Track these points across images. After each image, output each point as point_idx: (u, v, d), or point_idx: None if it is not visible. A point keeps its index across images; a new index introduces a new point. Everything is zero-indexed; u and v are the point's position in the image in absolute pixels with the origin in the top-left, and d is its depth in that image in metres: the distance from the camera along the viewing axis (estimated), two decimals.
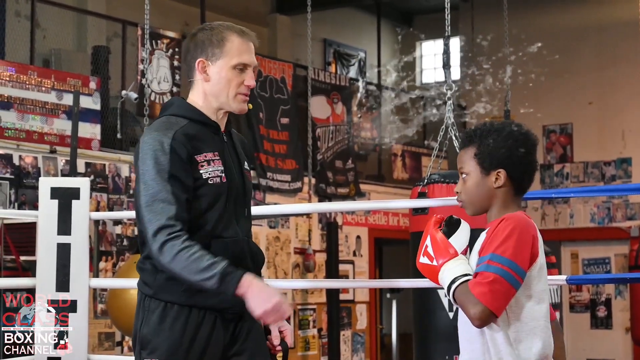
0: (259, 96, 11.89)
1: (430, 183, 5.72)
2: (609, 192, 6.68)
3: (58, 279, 5.22)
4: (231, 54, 3.45)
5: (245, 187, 3.55)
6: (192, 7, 12.92)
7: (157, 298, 3.40)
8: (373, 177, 14.24)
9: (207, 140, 3.44)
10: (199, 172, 3.37)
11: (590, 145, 15.06)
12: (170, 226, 3.26)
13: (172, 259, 3.24)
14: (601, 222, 14.80)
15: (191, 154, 3.36)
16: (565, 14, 15.46)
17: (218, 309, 3.40)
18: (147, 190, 3.31)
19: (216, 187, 3.39)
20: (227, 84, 3.45)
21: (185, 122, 3.42)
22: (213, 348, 3.41)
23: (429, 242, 3.12)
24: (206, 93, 3.49)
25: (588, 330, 14.80)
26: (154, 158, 3.31)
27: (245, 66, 3.47)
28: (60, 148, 9.33)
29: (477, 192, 3.16)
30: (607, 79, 14.95)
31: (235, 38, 3.47)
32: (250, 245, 3.52)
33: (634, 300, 11.28)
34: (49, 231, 5.26)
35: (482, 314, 2.94)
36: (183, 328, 3.37)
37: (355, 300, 13.19)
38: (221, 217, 3.40)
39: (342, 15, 16.64)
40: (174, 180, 3.30)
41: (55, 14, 10.89)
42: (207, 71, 3.46)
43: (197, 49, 3.48)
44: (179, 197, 3.30)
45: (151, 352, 3.39)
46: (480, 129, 3.17)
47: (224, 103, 3.48)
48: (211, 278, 3.22)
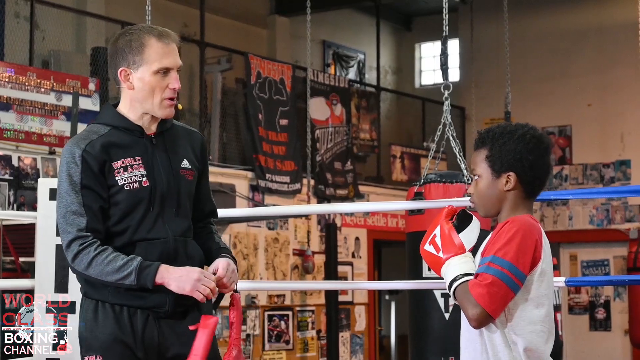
0: (258, 97, 11.90)
1: (427, 183, 5.72)
2: (607, 194, 6.69)
3: (57, 280, 5.21)
4: (151, 59, 3.42)
5: (180, 188, 3.52)
6: (192, 8, 12.92)
7: (89, 297, 3.46)
8: (372, 179, 14.24)
9: (129, 146, 3.45)
10: (114, 178, 3.40)
11: (589, 147, 15.06)
12: (82, 237, 3.34)
13: (87, 266, 3.33)
14: (600, 224, 14.81)
15: (106, 162, 3.39)
16: (565, 16, 15.46)
17: (147, 308, 3.42)
18: (60, 203, 3.39)
19: (134, 192, 3.41)
20: (151, 91, 3.44)
21: (106, 130, 3.46)
22: (148, 345, 3.43)
23: (438, 232, 3.12)
24: (132, 100, 3.49)
25: (587, 332, 14.80)
26: (67, 170, 3.38)
27: (168, 69, 3.45)
28: (59, 149, 9.32)
29: (487, 194, 3.17)
30: (606, 81, 14.95)
31: (154, 42, 3.43)
32: (188, 245, 3.53)
33: (632, 303, 11.28)
34: (47, 232, 5.26)
35: (479, 316, 2.95)
36: (116, 325, 3.40)
37: (354, 302, 13.19)
38: (143, 221, 3.42)
39: (341, 17, 16.64)
40: (86, 190, 3.36)
41: (54, 15, 10.89)
42: (130, 79, 3.45)
43: (119, 57, 3.46)
44: (91, 207, 3.37)
45: (88, 349, 3.44)
46: (493, 131, 3.17)
47: (149, 109, 3.48)
48: (128, 276, 3.30)
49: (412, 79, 18.06)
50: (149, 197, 3.43)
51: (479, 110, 15.56)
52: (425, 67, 18.13)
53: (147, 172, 3.44)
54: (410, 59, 18.10)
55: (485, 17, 15.55)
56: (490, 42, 15.27)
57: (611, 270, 14.60)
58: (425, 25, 17.46)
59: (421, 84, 18.03)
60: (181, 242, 3.50)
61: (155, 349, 3.43)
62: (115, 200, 3.40)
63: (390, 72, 17.79)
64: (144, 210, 3.42)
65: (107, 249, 3.34)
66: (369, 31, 16.72)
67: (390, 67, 17.85)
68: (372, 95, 14.78)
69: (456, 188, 5.61)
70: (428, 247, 3.14)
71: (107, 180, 3.39)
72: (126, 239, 3.41)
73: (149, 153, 3.47)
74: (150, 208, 3.43)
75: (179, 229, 3.51)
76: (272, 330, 11.83)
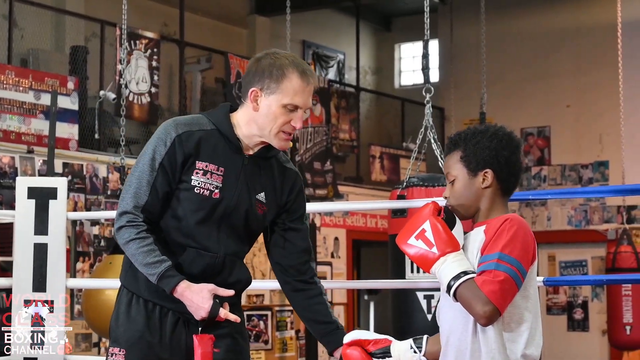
0: (237, 97, 11.88)
1: (409, 186, 5.74)
2: (585, 194, 6.72)
3: (35, 279, 5.20)
4: (286, 92, 3.39)
5: (248, 214, 3.49)
6: (171, 7, 12.89)
7: (126, 287, 3.49)
8: (351, 179, 14.24)
9: (220, 155, 3.44)
10: (190, 176, 3.39)
11: (568, 148, 15.11)
12: (133, 214, 3.36)
13: (125, 243, 3.36)
14: (578, 224, 14.86)
15: (191, 156, 3.39)
16: (544, 17, 15.50)
17: (179, 311, 3.43)
18: (134, 172, 3.40)
19: (201, 197, 3.40)
20: (273, 120, 3.41)
21: (210, 128, 3.46)
22: (175, 348, 3.43)
23: (429, 228, 3.09)
24: (251, 119, 3.46)
25: (565, 332, 14.86)
26: (154, 146, 3.39)
27: (297, 107, 3.42)
28: (37, 148, 9.29)
29: (465, 194, 3.17)
30: (585, 82, 15.00)
31: (295, 77, 3.40)
32: (235, 266, 3.52)
33: (610, 303, 11.31)
34: (25, 231, 5.24)
35: (490, 312, 2.96)
36: (145, 322, 3.42)
37: (332, 302, 13.19)
38: (199, 229, 3.41)
39: (321, 17, 16.64)
40: (161, 171, 3.37)
41: (33, 14, 10.84)
42: (258, 101, 3.43)
43: (256, 76, 3.44)
44: (158, 189, 3.37)
45: (114, 342, 3.46)
46: (464, 133, 3.20)
47: (265, 136, 3.45)
48: (152, 275, 3.31)
49: (391, 80, 18.07)
50: (212, 208, 3.41)
51: (458, 111, 15.58)
52: (404, 68, 18.14)
53: (222, 186, 3.42)
54: (389, 59, 18.11)
55: (464, 17, 15.57)
56: (469, 43, 15.29)
57: (589, 271, 14.65)
58: (405, 26, 17.48)
59: (401, 84, 18.04)
60: (230, 260, 3.50)
61: (182, 352, 3.44)
62: (181, 196, 3.41)
63: (369, 73, 17.81)
64: (202, 218, 3.41)
65: (149, 237, 3.35)
66: (349, 31, 16.73)
67: (370, 67, 17.86)
68: (351, 96, 14.79)
69: (438, 191, 5.64)
70: (415, 241, 3.10)
71: (183, 175, 3.40)
72: (179, 238, 3.42)
73: (236, 170, 3.46)
74: (210, 219, 3.42)
75: (232, 248, 3.50)
76: (251, 330, 11.82)
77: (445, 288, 3.04)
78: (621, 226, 11.98)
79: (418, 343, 3.39)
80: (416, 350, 3.38)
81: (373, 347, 3.42)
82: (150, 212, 3.37)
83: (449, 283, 3.02)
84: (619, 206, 13.68)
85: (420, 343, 3.38)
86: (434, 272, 3.07)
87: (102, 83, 10.46)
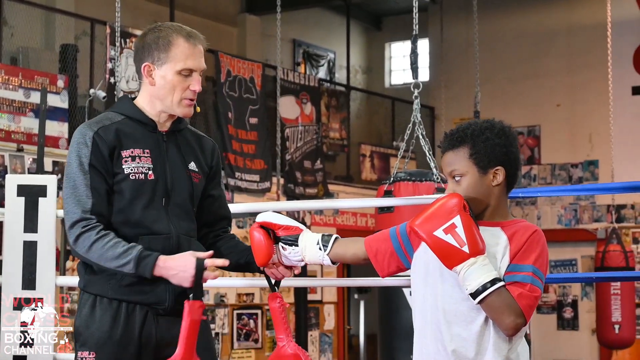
0: (227, 96, 11.87)
1: (396, 181, 5.73)
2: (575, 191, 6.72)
3: (24, 277, 5.18)
4: (177, 58, 3.44)
5: (185, 187, 3.53)
6: (162, 6, 12.88)
7: (87, 291, 3.47)
8: (341, 178, 14.25)
9: (140, 138, 3.47)
10: (121, 166, 3.40)
11: (558, 147, 15.14)
12: (85, 219, 3.34)
13: (87, 249, 3.33)
14: (568, 224, 14.89)
15: (115, 147, 3.40)
16: (535, 17, 15.53)
17: (146, 304, 3.42)
18: (67, 183, 3.40)
19: (139, 182, 3.41)
20: (172, 89, 3.46)
21: (120, 118, 3.48)
22: (145, 342, 3.42)
23: (460, 224, 2.98)
24: (151, 96, 3.50)
25: (554, 331, 14.89)
26: (77, 151, 3.40)
27: (191, 71, 3.46)
28: (27, 146, 9.27)
29: (475, 192, 3.12)
30: (575, 81, 15.03)
31: (181, 42, 3.46)
32: (192, 244, 3.51)
33: (599, 302, 11.34)
34: (15, 229, 5.22)
35: (521, 325, 2.97)
36: (112, 320, 3.40)
37: (323, 301, 13.19)
38: (146, 214, 3.41)
39: (311, 16, 16.64)
40: (93, 172, 3.37)
41: (23, 12, 10.83)
42: (153, 75, 3.48)
43: (145, 52, 3.48)
44: (98, 189, 3.38)
45: (82, 345, 3.44)
46: (471, 129, 3.14)
47: (168, 107, 3.49)
48: (127, 264, 3.30)
49: (382, 79, 18.08)
50: (152, 191, 3.43)
51: (449, 110, 15.60)
52: (395, 67, 18.15)
53: (153, 166, 3.44)
54: (380, 58, 18.12)
55: (455, 17, 15.60)
56: (460, 42, 15.32)
57: (579, 270, 14.68)
58: (395, 25, 17.49)
59: (391, 83, 18.05)
60: (185, 239, 3.49)
61: (152, 346, 3.43)
62: (119, 188, 3.41)
63: (360, 72, 17.81)
64: (146, 202, 3.42)
65: (109, 234, 3.34)
66: (339, 30, 16.74)
67: (360, 66, 17.87)
68: (342, 95, 14.79)
69: (425, 187, 5.64)
70: (444, 235, 2.98)
71: (114, 167, 3.40)
72: (129, 231, 3.41)
73: (159, 148, 3.49)
74: (153, 201, 3.43)
75: (184, 228, 3.51)
76: (241, 329, 11.82)
77: (470, 289, 2.97)
78: (611, 225, 11.99)
79: (325, 241, 3.38)
80: (322, 247, 3.37)
81: (283, 232, 3.40)
82: (99, 213, 3.37)
83: (478, 288, 2.95)
84: (609, 205, 13.70)
85: (328, 242, 3.38)
86: (458, 271, 2.98)
87: (92, 81, 10.44)
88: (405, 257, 3.30)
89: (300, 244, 3.38)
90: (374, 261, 3.36)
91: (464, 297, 3.02)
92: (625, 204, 14.37)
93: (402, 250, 3.31)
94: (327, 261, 3.40)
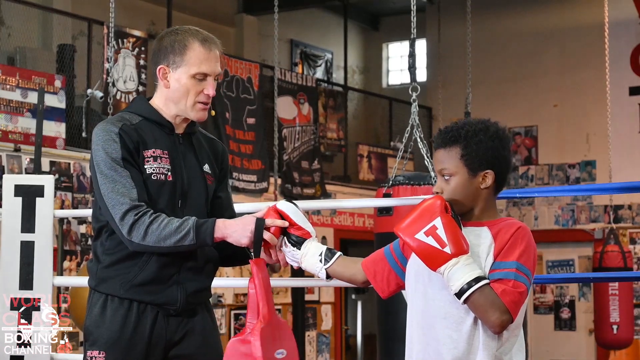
0: (225, 96, 11.87)
1: (395, 185, 5.74)
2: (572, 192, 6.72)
3: (22, 277, 5.19)
4: (191, 62, 3.46)
5: (200, 189, 3.54)
6: (159, 6, 12.88)
7: (98, 291, 3.45)
8: (339, 178, 14.25)
9: (158, 139, 3.47)
10: (143, 166, 3.40)
11: (555, 147, 15.15)
12: (135, 207, 3.32)
13: (143, 235, 3.30)
14: (565, 224, 14.89)
15: (139, 144, 3.41)
16: (531, 18, 15.53)
17: (157, 304, 3.42)
18: (105, 179, 3.36)
19: (159, 183, 3.42)
20: (186, 93, 3.47)
21: (138, 119, 3.48)
22: (155, 342, 3.42)
23: (441, 225, 2.98)
24: (166, 98, 3.52)
25: (552, 331, 14.88)
26: (104, 148, 3.37)
27: (206, 75, 3.48)
28: (24, 146, 9.27)
29: (463, 193, 3.10)
30: (572, 82, 15.04)
31: (197, 46, 3.48)
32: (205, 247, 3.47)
33: (597, 302, 11.34)
34: (12, 229, 5.23)
35: (507, 322, 2.96)
36: (123, 320, 3.40)
37: (320, 301, 13.19)
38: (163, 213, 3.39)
39: (309, 16, 16.65)
40: (128, 164, 3.36)
41: (20, 12, 10.82)
42: (168, 78, 3.49)
43: (161, 55, 3.51)
44: (136, 179, 3.36)
45: (92, 344, 3.43)
46: (464, 129, 3.12)
47: (182, 110, 3.50)
48: (187, 235, 3.29)
49: (379, 79, 18.08)
50: (170, 192, 3.43)
51: (446, 111, 15.59)
52: (392, 67, 18.16)
53: (171, 168, 3.45)
54: (377, 58, 18.13)
55: (452, 17, 15.59)
56: (457, 43, 15.31)
57: (576, 270, 14.68)
58: (393, 25, 17.50)
59: (388, 83, 18.06)
60: None
61: (162, 346, 3.43)
62: None
63: (357, 72, 17.81)
64: (166, 203, 3.42)
65: (160, 215, 3.32)
66: (337, 31, 16.74)
67: (358, 66, 17.87)
68: (339, 95, 14.78)
69: (424, 190, 5.65)
70: (425, 237, 2.98)
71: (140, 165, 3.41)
72: None
73: (176, 150, 3.50)
74: (171, 203, 3.43)
75: None
76: (238, 329, 11.81)
77: (454, 289, 2.96)
78: (608, 225, 12.00)
79: (328, 255, 3.37)
80: (323, 260, 3.37)
81: (293, 230, 3.36)
82: (144, 200, 3.35)
83: (462, 286, 2.94)
84: (606, 205, 13.70)
85: (330, 258, 3.37)
86: (442, 272, 2.98)
87: (89, 81, 10.44)
88: (402, 271, 3.30)
89: (302, 249, 3.37)
90: (374, 282, 3.37)
91: (451, 299, 3.01)
92: (622, 204, 14.37)
93: (398, 265, 3.32)
94: (322, 274, 3.40)
